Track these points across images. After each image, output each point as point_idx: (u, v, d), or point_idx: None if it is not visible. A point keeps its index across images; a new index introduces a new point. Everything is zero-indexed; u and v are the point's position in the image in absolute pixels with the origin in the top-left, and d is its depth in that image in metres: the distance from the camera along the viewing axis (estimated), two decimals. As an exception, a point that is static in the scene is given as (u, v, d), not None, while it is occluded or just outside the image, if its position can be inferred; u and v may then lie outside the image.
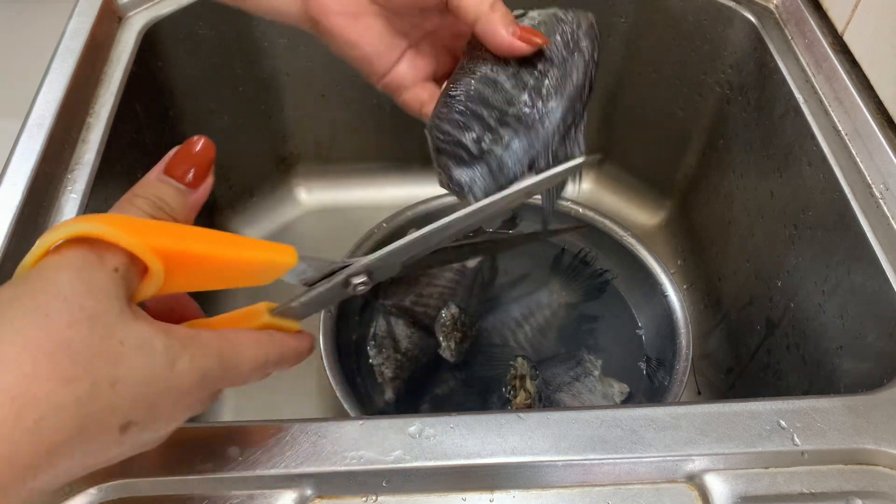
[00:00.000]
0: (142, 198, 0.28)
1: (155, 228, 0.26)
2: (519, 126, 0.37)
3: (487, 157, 0.37)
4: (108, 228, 0.24)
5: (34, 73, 0.53)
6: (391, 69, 0.40)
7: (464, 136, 0.37)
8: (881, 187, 0.49)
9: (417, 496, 0.35)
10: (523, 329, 0.66)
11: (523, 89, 0.37)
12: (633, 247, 0.67)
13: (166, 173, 0.29)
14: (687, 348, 0.59)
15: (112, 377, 0.23)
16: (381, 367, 0.62)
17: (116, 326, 0.24)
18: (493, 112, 0.37)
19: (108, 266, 0.25)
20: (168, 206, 0.28)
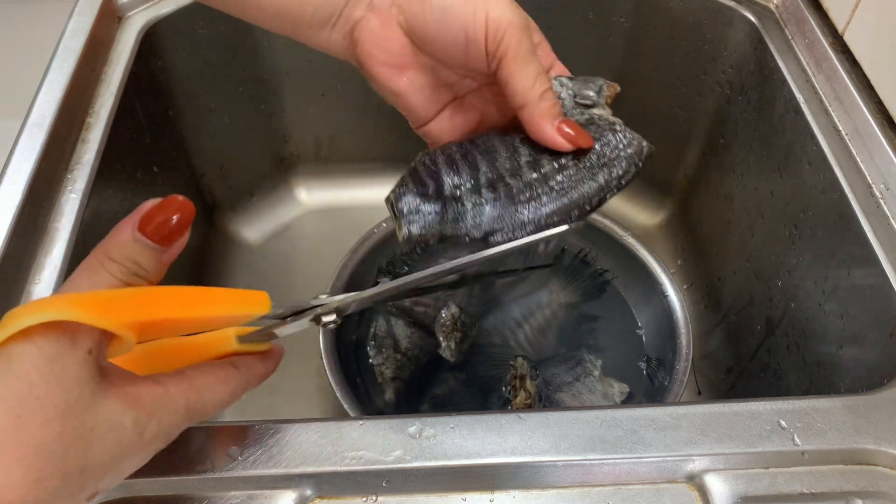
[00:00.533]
0: (116, 263, 0.27)
1: (127, 301, 0.26)
2: (504, 198, 0.35)
3: (451, 203, 0.35)
4: (82, 313, 0.24)
5: (34, 73, 0.53)
6: (430, 121, 0.39)
7: (445, 175, 0.36)
8: (881, 187, 0.49)
9: (417, 496, 0.35)
10: (523, 329, 0.66)
11: (533, 169, 0.36)
12: (633, 247, 0.67)
13: (140, 230, 0.28)
14: (687, 348, 0.59)
15: (82, 465, 0.24)
16: (381, 367, 0.62)
17: (87, 414, 0.24)
18: (493, 173, 0.36)
19: (80, 349, 0.25)
20: (141, 268, 0.28)
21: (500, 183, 0.36)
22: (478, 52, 0.34)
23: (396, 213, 0.35)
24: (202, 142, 0.72)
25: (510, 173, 0.36)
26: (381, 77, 0.37)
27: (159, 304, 0.27)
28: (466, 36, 0.34)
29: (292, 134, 0.79)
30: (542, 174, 0.36)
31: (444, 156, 0.37)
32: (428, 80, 0.38)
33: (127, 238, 0.28)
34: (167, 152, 0.67)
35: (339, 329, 0.61)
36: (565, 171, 0.36)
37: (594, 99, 0.39)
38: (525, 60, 0.34)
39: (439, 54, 0.36)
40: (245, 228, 0.79)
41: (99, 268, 0.27)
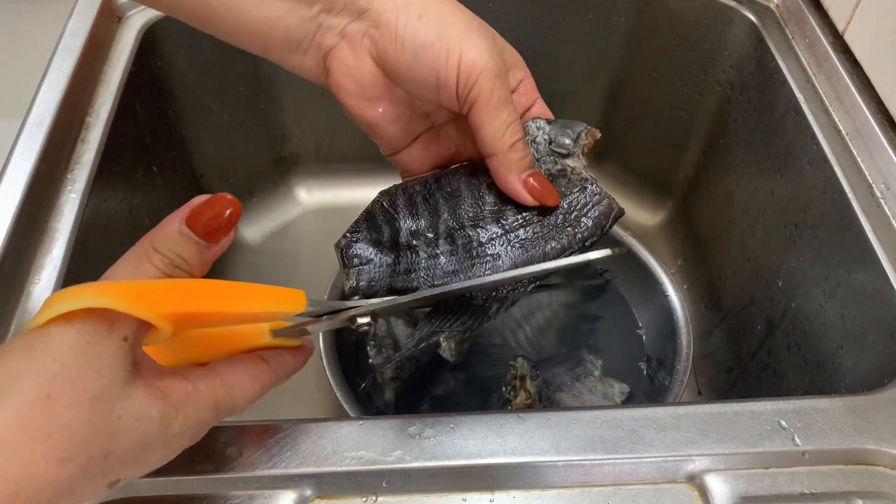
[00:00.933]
0: (160, 254, 0.27)
1: (166, 292, 0.26)
2: (461, 252, 0.34)
3: (405, 252, 0.34)
4: (122, 301, 0.24)
5: (34, 73, 0.53)
6: (401, 151, 0.38)
7: (403, 220, 0.34)
8: (882, 187, 0.49)
9: (417, 496, 0.35)
10: (523, 329, 0.66)
11: (496, 221, 0.35)
12: (633, 247, 0.66)
13: (188, 224, 0.28)
14: (687, 348, 0.59)
15: (106, 450, 0.25)
16: (380, 367, 0.62)
17: (117, 402, 0.25)
18: (454, 220, 0.35)
19: (117, 337, 0.25)
20: (185, 262, 0.28)
21: (460, 233, 0.34)
22: (449, 95, 0.33)
23: (346, 262, 0.34)
24: (202, 142, 0.72)
25: (472, 223, 0.35)
26: (352, 109, 0.36)
27: (198, 297, 0.27)
28: (437, 79, 0.33)
29: (292, 134, 0.79)
30: (504, 228, 0.35)
31: (405, 196, 0.35)
32: (402, 111, 0.36)
33: (174, 231, 0.28)
34: (167, 152, 0.67)
35: (340, 329, 0.61)
36: (528, 226, 0.35)
37: (570, 148, 0.36)
38: (496, 109, 0.33)
39: (412, 91, 0.35)
40: (245, 228, 0.79)
41: (143, 257, 0.27)
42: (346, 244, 0.34)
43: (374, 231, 0.35)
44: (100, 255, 0.51)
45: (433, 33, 0.32)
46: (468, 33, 0.33)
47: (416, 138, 0.38)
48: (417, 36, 0.32)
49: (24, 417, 0.23)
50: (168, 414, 0.26)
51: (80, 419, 0.24)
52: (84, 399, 0.24)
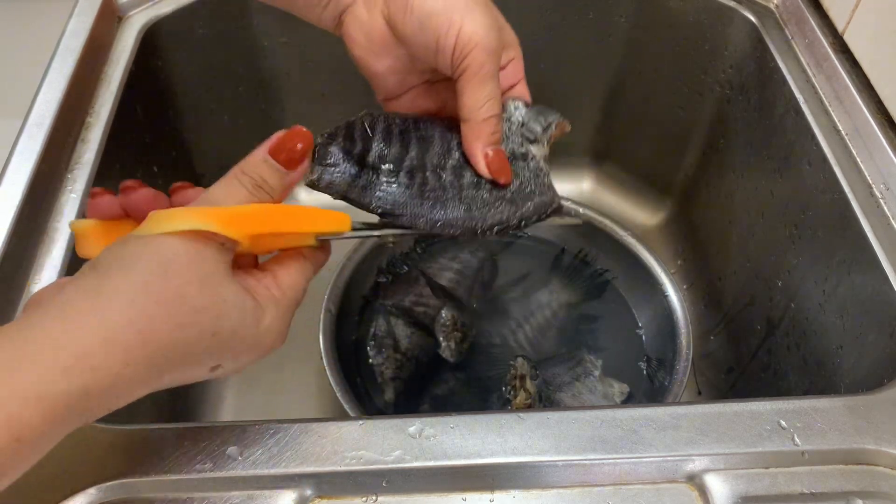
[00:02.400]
0: (248, 176, 0.32)
1: (250, 217, 0.31)
2: (415, 189, 0.37)
3: (367, 171, 0.37)
4: (217, 225, 0.29)
5: (34, 73, 0.53)
6: (395, 98, 0.42)
7: (376, 144, 0.37)
8: (881, 187, 0.49)
9: (417, 496, 0.35)
10: (523, 329, 0.66)
11: (454, 175, 0.38)
12: (633, 247, 0.67)
13: (270, 154, 0.33)
14: (687, 348, 0.59)
15: (214, 328, 0.29)
16: (381, 367, 0.62)
17: (221, 287, 0.29)
18: (418, 161, 0.38)
19: (216, 241, 0.30)
20: (268, 185, 0.33)
21: (420, 173, 0.37)
22: (444, 60, 0.36)
23: (316, 157, 0.37)
24: (202, 142, 0.72)
25: (433, 168, 0.38)
26: (361, 59, 0.40)
27: (273, 220, 0.32)
28: (437, 46, 0.36)
29: (292, 134, 0.79)
30: (459, 183, 0.37)
31: (384, 123, 0.38)
32: (402, 66, 0.40)
33: (260, 159, 0.33)
34: (167, 152, 0.67)
35: (339, 329, 0.61)
36: (479, 189, 0.37)
37: (538, 135, 0.39)
38: (481, 82, 0.36)
39: (413, 52, 0.38)
40: (245, 228, 0.79)
41: (234, 179, 0.32)
42: (321, 143, 0.37)
43: (349, 142, 0.37)
44: (100, 255, 0.51)
45: (440, 5, 0.36)
46: (472, 8, 0.36)
47: (409, 90, 0.42)
48: (425, 6, 0.36)
49: (147, 284, 0.27)
50: (258, 308, 0.31)
51: (193, 293, 0.28)
52: (195, 279, 0.28)
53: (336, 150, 0.37)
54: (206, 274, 0.29)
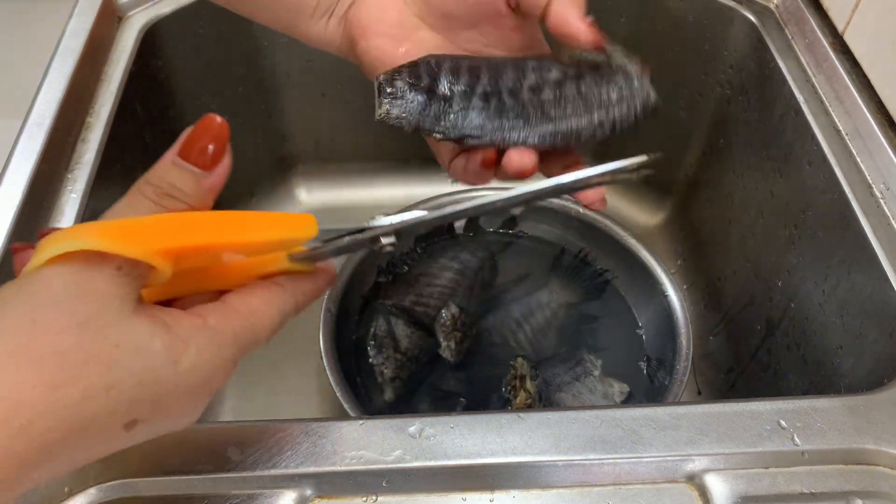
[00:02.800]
0: (152, 186, 0.26)
1: (157, 227, 0.25)
2: (493, 110, 0.35)
3: (438, 100, 0.35)
4: (107, 241, 0.23)
5: (34, 73, 0.53)
6: None
7: (444, 77, 0.35)
8: (881, 187, 0.49)
9: (417, 496, 0.35)
10: (523, 329, 0.66)
11: (533, 93, 0.35)
12: (633, 247, 0.67)
13: (180, 155, 0.27)
14: (687, 348, 0.59)
15: (106, 382, 0.23)
16: (381, 367, 0.62)
17: (111, 329, 0.23)
18: (492, 87, 0.35)
19: (109, 266, 0.24)
20: (181, 192, 0.27)
21: (495, 97, 0.35)
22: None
23: (380, 91, 0.34)
24: (202, 142, 0.72)
25: (509, 92, 0.35)
26: (377, 51, 0.36)
27: (194, 230, 0.26)
28: None
29: (292, 134, 0.79)
30: (540, 99, 0.35)
31: (451, 62, 0.36)
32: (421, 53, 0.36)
33: (167, 162, 0.27)
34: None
35: (339, 329, 0.61)
36: (563, 101, 0.35)
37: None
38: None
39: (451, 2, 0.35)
40: (245, 228, 0.79)
41: (137, 192, 0.27)
42: (385, 78, 0.34)
43: (414, 77, 0.35)
44: (100, 255, 0.51)
45: None
46: None
47: None
48: None
49: (11, 342, 0.22)
50: (175, 346, 0.24)
51: (68, 345, 0.22)
52: (72, 324, 0.23)
53: (402, 83, 0.34)
54: (90, 315, 0.23)
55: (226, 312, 0.27)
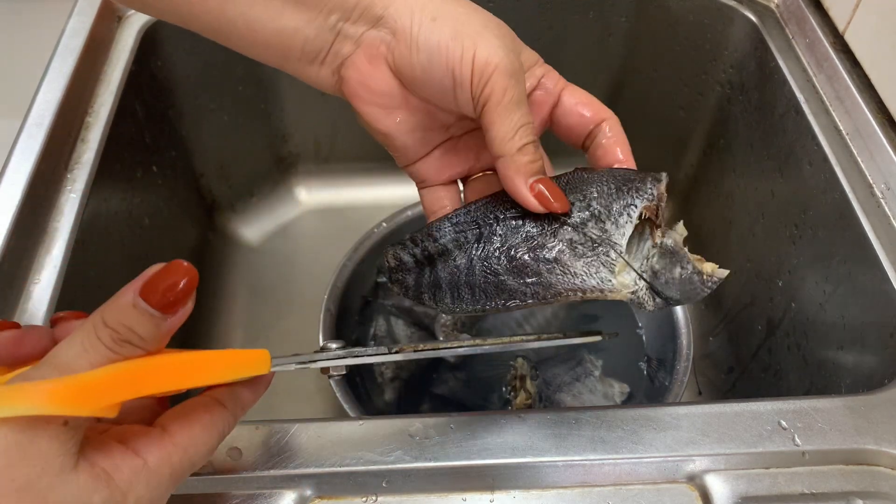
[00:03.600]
0: (109, 329, 0.25)
1: (113, 384, 0.24)
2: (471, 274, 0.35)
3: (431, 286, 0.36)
4: (57, 405, 0.23)
5: (34, 73, 0.53)
6: (417, 161, 0.37)
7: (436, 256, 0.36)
8: (882, 187, 0.49)
9: (417, 496, 0.35)
10: (524, 329, 0.66)
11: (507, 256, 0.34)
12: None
13: (142, 295, 0.25)
14: (687, 348, 0.59)
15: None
16: (381, 368, 0.62)
17: (52, 491, 0.23)
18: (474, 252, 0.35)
19: (55, 423, 0.24)
20: (139, 338, 0.25)
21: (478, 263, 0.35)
22: (465, 95, 0.32)
23: (385, 272, 0.37)
24: (202, 142, 0.72)
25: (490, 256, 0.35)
26: (368, 117, 0.35)
27: (148, 382, 0.25)
28: (454, 78, 0.32)
29: (292, 134, 0.79)
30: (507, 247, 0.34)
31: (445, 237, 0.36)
32: (420, 121, 0.36)
33: (127, 303, 0.25)
34: (167, 152, 0.67)
35: (339, 329, 0.61)
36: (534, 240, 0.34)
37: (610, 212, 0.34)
38: (507, 109, 0.32)
39: (429, 97, 0.34)
40: (245, 228, 0.79)
41: (93, 334, 0.25)
42: (387, 261, 0.37)
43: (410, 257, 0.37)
44: (100, 255, 0.51)
45: (447, 34, 0.32)
46: (482, 31, 0.32)
47: (433, 149, 0.37)
48: (432, 38, 0.32)
49: None
50: (113, 498, 0.24)
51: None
52: (10, 490, 0.22)
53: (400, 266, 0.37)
54: (31, 478, 0.23)
55: (165, 447, 0.27)
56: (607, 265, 0.33)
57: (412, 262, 0.37)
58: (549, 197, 0.33)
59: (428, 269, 0.36)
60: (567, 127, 0.37)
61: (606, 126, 0.36)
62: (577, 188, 0.35)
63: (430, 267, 0.36)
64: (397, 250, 0.37)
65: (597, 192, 0.34)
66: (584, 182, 0.35)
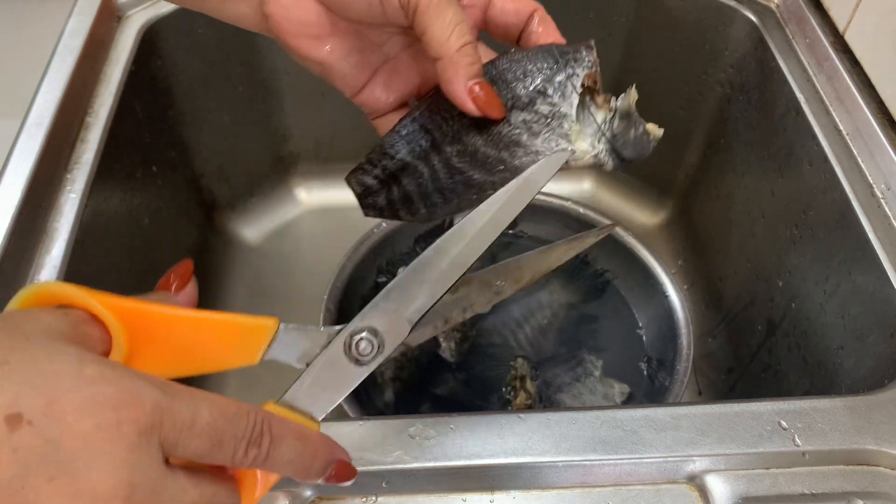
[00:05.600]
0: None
1: (117, 296, 0.25)
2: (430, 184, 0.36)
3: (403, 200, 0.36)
4: (58, 285, 0.24)
5: (33, 73, 0.53)
6: (362, 88, 0.37)
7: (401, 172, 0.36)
8: (882, 187, 0.49)
9: (417, 496, 0.35)
10: (523, 329, 0.66)
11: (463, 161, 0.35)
12: (633, 247, 0.66)
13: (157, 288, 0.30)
14: (688, 348, 0.59)
15: (1, 358, 0.21)
16: (381, 368, 0.62)
17: (31, 331, 0.22)
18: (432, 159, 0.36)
19: (57, 311, 0.24)
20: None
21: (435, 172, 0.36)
22: (393, 4, 0.31)
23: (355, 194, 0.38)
24: (202, 142, 0.72)
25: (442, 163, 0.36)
26: (300, 50, 0.34)
27: (149, 303, 0.26)
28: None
29: (292, 134, 0.79)
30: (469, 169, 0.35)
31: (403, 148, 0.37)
32: (353, 44, 0.35)
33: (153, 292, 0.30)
34: (167, 152, 0.67)
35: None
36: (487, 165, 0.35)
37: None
38: (439, 8, 0.31)
39: (357, 15, 0.33)
40: (245, 228, 0.79)
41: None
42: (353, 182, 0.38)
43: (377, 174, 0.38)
44: (99, 255, 0.51)
45: None
46: None
47: (374, 74, 0.36)
48: None
49: None
50: (84, 355, 0.22)
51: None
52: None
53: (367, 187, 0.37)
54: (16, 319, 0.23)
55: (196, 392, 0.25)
56: (564, 136, 0.34)
57: (377, 184, 0.37)
58: (486, 101, 0.32)
59: (395, 186, 0.37)
60: (504, 25, 0.36)
61: (536, 17, 0.36)
62: (518, 69, 0.35)
63: (395, 184, 0.37)
64: (358, 175, 0.38)
65: (537, 68, 0.35)
66: (523, 61, 0.35)
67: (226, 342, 0.28)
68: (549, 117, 0.34)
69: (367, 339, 0.30)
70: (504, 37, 0.37)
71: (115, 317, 0.25)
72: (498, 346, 0.65)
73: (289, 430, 0.27)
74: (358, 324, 0.30)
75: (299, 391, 0.29)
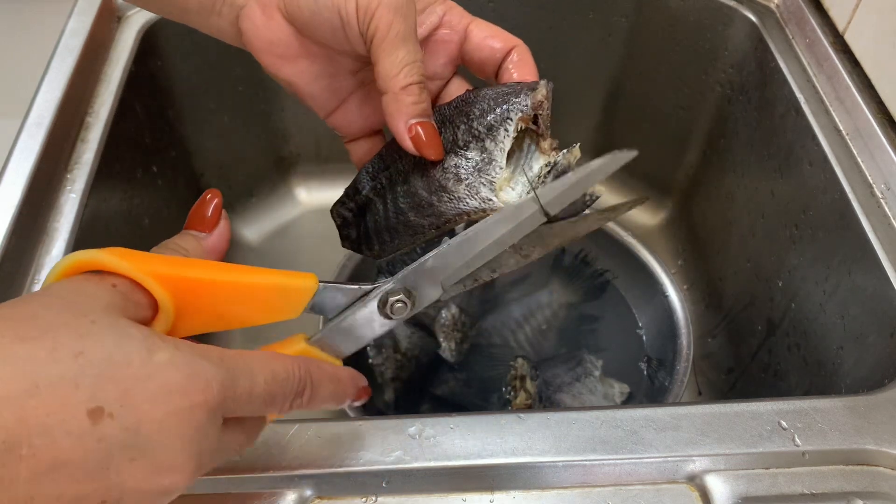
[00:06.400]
0: (162, 247, 0.29)
1: (160, 259, 0.27)
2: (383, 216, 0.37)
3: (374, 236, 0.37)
4: (107, 256, 0.25)
5: (34, 73, 0.53)
6: (334, 111, 0.37)
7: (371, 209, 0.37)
8: (882, 187, 0.49)
9: (417, 497, 0.35)
10: (523, 329, 0.66)
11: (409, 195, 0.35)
12: (633, 247, 0.66)
13: (186, 227, 0.31)
14: (687, 348, 0.59)
15: (75, 348, 0.22)
16: (381, 368, 0.62)
17: (92, 311, 0.23)
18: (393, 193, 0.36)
19: (105, 282, 0.25)
20: (184, 249, 0.29)
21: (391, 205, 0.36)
22: (354, 32, 0.32)
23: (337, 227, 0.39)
24: (202, 142, 0.72)
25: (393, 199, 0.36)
26: (271, 68, 0.35)
27: (193, 265, 0.28)
28: (340, 17, 0.32)
29: (292, 134, 0.79)
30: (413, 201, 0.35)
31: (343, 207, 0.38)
32: (322, 68, 0.35)
33: (178, 235, 0.30)
34: (167, 152, 0.67)
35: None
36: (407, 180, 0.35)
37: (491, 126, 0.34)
38: (392, 45, 0.31)
39: (323, 39, 0.34)
40: (245, 228, 0.79)
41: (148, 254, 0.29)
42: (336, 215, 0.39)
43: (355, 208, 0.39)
44: (99, 255, 0.51)
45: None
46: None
47: (346, 98, 0.37)
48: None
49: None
50: (151, 338, 0.24)
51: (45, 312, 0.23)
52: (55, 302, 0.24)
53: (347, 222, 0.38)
54: (74, 301, 0.24)
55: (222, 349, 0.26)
56: (488, 184, 0.33)
57: (351, 217, 0.38)
58: (425, 141, 0.33)
59: (362, 220, 0.38)
60: (480, 61, 0.37)
61: (515, 53, 0.36)
62: (463, 110, 0.35)
63: (362, 218, 0.38)
64: (338, 207, 0.39)
65: (478, 111, 0.34)
66: (469, 103, 0.35)
67: (267, 302, 0.30)
68: (478, 163, 0.33)
69: (402, 299, 0.32)
70: (480, 73, 0.37)
71: (161, 287, 0.26)
72: (498, 346, 0.65)
73: (324, 374, 0.30)
74: (394, 284, 0.32)
75: (330, 332, 0.33)
